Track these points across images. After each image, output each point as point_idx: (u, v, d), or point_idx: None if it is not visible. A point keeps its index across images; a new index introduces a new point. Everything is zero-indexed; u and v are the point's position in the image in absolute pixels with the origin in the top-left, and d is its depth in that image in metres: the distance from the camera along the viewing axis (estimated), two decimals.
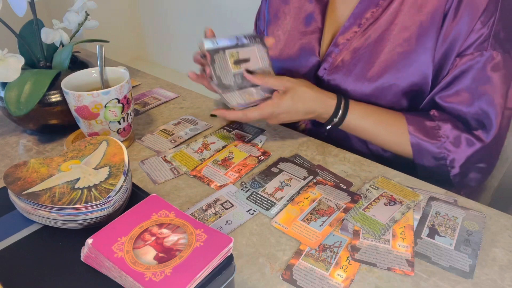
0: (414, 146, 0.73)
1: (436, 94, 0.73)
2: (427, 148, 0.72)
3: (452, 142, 0.71)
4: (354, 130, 0.75)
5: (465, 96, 0.71)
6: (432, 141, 0.71)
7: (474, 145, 0.70)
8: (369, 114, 0.75)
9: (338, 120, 0.74)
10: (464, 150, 0.71)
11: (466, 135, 0.71)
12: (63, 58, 0.79)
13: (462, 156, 0.71)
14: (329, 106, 0.73)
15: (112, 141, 0.55)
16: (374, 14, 0.74)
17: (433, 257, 0.54)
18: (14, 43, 0.80)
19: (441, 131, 0.71)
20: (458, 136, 0.71)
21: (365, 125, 0.74)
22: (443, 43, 0.70)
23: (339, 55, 0.79)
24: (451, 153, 0.71)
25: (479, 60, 0.68)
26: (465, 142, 0.71)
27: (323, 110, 0.73)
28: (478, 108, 0.70)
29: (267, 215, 0.61)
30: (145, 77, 1.08)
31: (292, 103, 0.70)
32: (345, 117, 0.73)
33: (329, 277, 0.51)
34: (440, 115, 0.73)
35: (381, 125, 0.74)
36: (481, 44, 0.68)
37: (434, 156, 0.72)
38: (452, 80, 0.71)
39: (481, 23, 0.67)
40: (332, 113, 0.73)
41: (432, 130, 0.72)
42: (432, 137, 0.71)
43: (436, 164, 0.73)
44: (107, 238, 0.42)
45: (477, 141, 0.70)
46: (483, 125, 0.71)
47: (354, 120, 0.74)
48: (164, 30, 2.92)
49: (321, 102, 0.72)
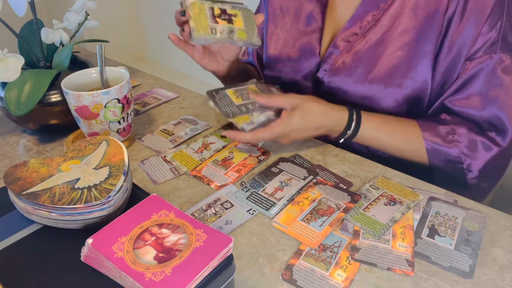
0: (429, 151, 0.72)
1: (446, 99, 0.73)
2: (443, 152, 0.71)
3: (467, 146, 0.70)
4: (368, 141, 0.74)
5: (476, 100, 0.70)
6: (449, 145, 0.71)
7: (492, 150, 0.70)
8: (382, 123, 0.73)
9: (352, 132, 0.72)
10: (482, 154, 0.70)
11: (482, 138, 0.70)
12: (63, 58, 0.79)
13: (480, 161, 0.70)
14: (340, 119, 0.71)
15: (112, 141, 0.55)
16: (376, 17, 0.74)
17: (433, 257, 0.54)
18: (14, 43, 0.80)
19: (456, 135, 0.71)
20: (474, 140, 0.70)
21: (379, 135, 0.73)
22: (451, 48, 0.70)
23: (340, 57, 0.78)
24: (468, 158, 0.70)
25: (489, 63, 0.68)
26: (482, 146, 0.70)
27: (334, 124, 0.71)
28: (491, 113, 0.70)
29: (267, 215, 0.61)
30: (145, 77, 1.08)
31: (302, 120, 0.69)
32: (359, 129, 0.72)
33: (329, 277, 0.51)
34: (452, 119, 0.72)
35: (395, 134, 0.73)
36: (490, 47, 0.68)
37: (451, 160, 0.71)
38: (462, 84, 0.71)
39: (488, 26, 0.67)
40: (345, 125, 0.71)
41: (447, 134, 0.71)
42: (448, 141, 0.71)
43: (453, 168, 0.72)
44: (107, 238, 0.42)
45: (493, 145, 0.70)
46: (496, 129, 0.71)
47: (368, 131, 0.72)
48: (164, 30, 2.90)
49: (331, 116, 0.71)
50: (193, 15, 0.68)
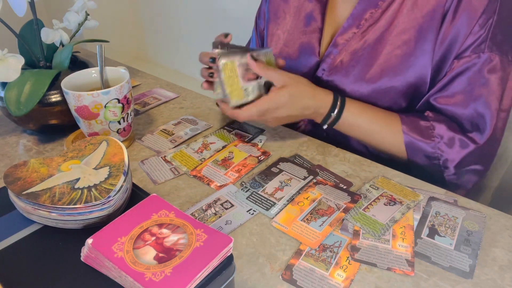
0: (407, 145, 0.73)
1: (431, 96, 0.73)
2: (420, 147, 0.72)
3: (446, 143, 0.71)
4: (349, 127, 0.75)
5: (459, 98, 0.70)
6: (426, 141, 0.71)
7: (468, 147, 0.70)
8: (365, 111, 0.75)
9: (336, 116, 0.73)
10: (457, 151, 0.71)
11: (460, 136, 0.71)
12: (63, 58, 0.79)
13: (455, 157, 0.71)
14: (325, 102, 0.73)
15: (112, 141, 0.55)
16: (374, 15, 0.74)
17: (433, 257, 0.54)
18: (14, 43, 0.80)
19: (435, 131, 0.71)
20: (452, 137, 0.71)
21: (361, 123, 0.74)
22: (442, 44, 0.70)
23: (338, 56, 0.79)
24: (444, 154, 0.71)
25: (476, 62, 0.68)
26: (459, 143, 0.71)
27: (320, 106, 0.73)
28: (474, 111, 0.70)
29: (267, 215, 0.61)
30: (145, 77, 1.08)
31: (289, 98, 0.70)
32: (342, 113, 0.73)
33: (329, 277, 0.51)
34: (434, 116, 0.73)
35: (376, 123, 0.74)
36: (479, 46, 0.68)
37: (428, 155, 0.72)
38: (448, 82, 0.71)
39: (479, 25, 0.67)
40: (329, 108, 0.73)
41: (426, 130, 0.72)
42: (426, 137, 0.71)
43: (429, 163, 0.73)
44: (107, 238, 0.42)
45: (471, 142, 0.70)
46: (478, 128, 0.71)
47: (350, 116, 0.73)
48: (164, 30, 2.92)
49: (318, 97, 0.72)
50: (226, 79, 0.69)
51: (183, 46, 2.80)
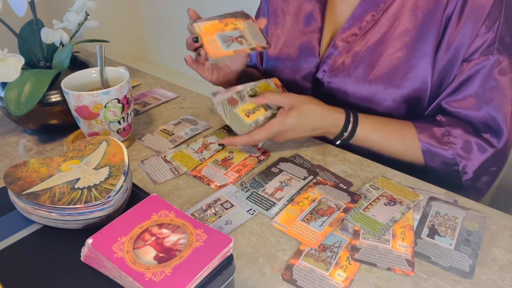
0: (425, 153, 0.72)
1: (443, 100, 0.73)
2: (438, 154, 0.71)
3: (462, 148, 0.70)
4: (364, 142, 0.74)
5: (472, 102, 0.70)
6: (444, 147, 0.71)
7: (487, 151, 0.70)
8: (379, 126, 0.73)
9: (349, 134, 0.72)
10: (477, 156, 0.70)
11: (477, 140, 0.70)
12: (63, 58, 0.79)
13: (475, 162, 0.70)
14: (337, 120, 0.72)
15: (112, 141, 0.55)
16: (375, 17, 0.74)
17: (433, 257, 0.54)
18: (14, 43, 0.80)
19: (451, 137, 0.71)
20: (469, 141, 0.70)
21: (376, 137, 0.73)
22: (448, 49, 0.70)
23: (339, 57, 0.78)
24: (463, 159, 0.70)
25: (486, 65, 0.68)
26: (477, 147, 0.70)
27: (331, 125, 0.72)
28: (486, 114, 0.70)
29: (267, 215, 0.61)
30: (145, 77, 1.08)
31: (298, 120, 0.69)
32: (355, 131, 0.72)
33: (329, 277, 0.51)
34: (448, 120, 0.72)
35: (391, 136, 0.73)
36: (487, 49, 0.68)
37: (446, 162, 0.71)
38: (459, 85, 0.71)
39: (485, 27, 0.67)
40: (341, 127, 0.72)
41: (442, 136, 0.71)
42: (443, 143, 0.71)
43: (448, 170, 0.72)
44: (107, 238, 0.42)
45: (489, 146, 0.70)
46: (491, 130, 0.70)
47: (364, 133, 0.72)
48: (164, 30, 2.92)
49: (328, 117, 0.71)
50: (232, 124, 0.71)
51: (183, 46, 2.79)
